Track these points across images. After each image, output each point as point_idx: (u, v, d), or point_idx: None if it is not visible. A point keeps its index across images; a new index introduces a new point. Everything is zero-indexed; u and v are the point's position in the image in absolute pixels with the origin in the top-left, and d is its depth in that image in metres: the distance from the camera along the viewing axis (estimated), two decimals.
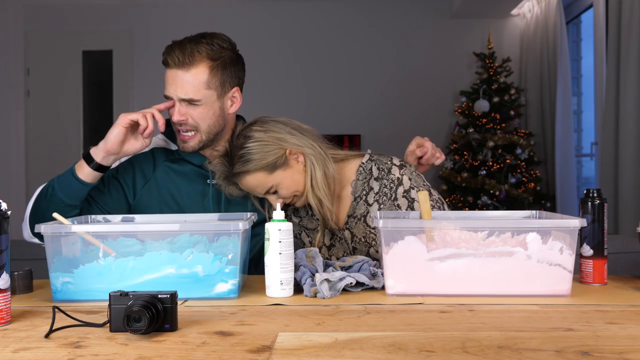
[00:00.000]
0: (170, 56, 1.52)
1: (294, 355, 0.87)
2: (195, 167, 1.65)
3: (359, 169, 1.66)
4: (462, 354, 0.86)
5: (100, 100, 5.38)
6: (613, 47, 3.16)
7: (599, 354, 0.86)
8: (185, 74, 1.52)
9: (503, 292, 1.22)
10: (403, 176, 1.62)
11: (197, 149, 1.60)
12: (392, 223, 1.26)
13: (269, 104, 4.90)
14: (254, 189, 1.57)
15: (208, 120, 1.57)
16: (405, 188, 1.61)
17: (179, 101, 1.54)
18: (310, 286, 1.24)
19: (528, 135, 4.52)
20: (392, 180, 1.62)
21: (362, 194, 1.64)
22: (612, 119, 3.18)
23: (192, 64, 1.52)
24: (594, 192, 1.36)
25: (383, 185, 1.62)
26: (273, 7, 5.05)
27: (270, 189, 1.56)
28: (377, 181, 1.63)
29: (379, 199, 1.62)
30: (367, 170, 1.65)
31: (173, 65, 1.52)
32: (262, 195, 1.59)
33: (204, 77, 1.53)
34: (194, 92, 1.53)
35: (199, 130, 1.57)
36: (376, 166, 1.64)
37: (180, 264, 1.23)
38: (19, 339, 0.97)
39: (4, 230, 1.05)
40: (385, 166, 1.63)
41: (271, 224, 1.25)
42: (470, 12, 4.88)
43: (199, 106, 1.54)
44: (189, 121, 1.55)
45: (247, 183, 1.55)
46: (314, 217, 1.69)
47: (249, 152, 1.52)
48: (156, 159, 1.66)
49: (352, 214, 1.64)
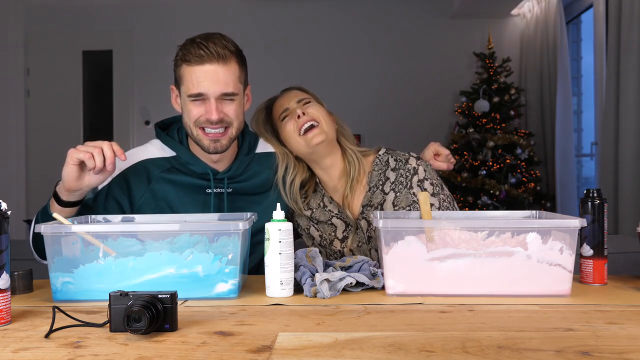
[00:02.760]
0: (205, 51, 1.48)
1: (294, 355, 0.87)
2: (194, 179, 1.61)
3: (374, 160, 1.71)
4: (462, 354, 0.86)
5: (100, 100, 5.38)
6: (613, 47, 3.16)
7: (599, 354, 0.86)
8: (224, 67, 1.50)
9: (503, 292, 1.22)
10: (419, 166, 1.68)
11: (226, 149, 1.57)
12: (392, 223, 1.26)
13: None
14: (295, 95, 1.70)
15: (240, 117, 1.57)
16: (419, 178, 1.66)
17: (216, 98, 1.50)
18: (310, 286, 1.24)
19: (528, 135, 4.51)
20: (409, 169, 1.67)
21: (379, 184, 1.68)
22: (612, 119, 3.18)
23: (228, 58, 1.50)
24: (594, 192, 1.36)
25: (399, 174, 1.67)
26: (273, 7, 5.05)
27: (303, 99, 1.68)
28: (394, 171, 1.68)
29: (395, 188, 1.66)
30: (383, 162, 1.70)
31: (211, 60, 1.48)
32: (295, 104, 1.67)
33: (237, 71, 1.53)
34: (234, 85, 1.52)
35: (231, 127, 1.55)
36: (393, 158, 1.71)
37: (180, 264, 1.23)
38: (19, 339, 0.97)
39: (4, 230, 1.05)
40: (403, 157, 1.70)
41: (271, 224, 1.25)
42: (470, 12, 4.88)
43: (234, 101, 1.53)
44: (225, 118, 1.53)
45: (294, 91, 1.72)
46: (326, 209, 1.71)
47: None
48: (150, 172, 1.60)
49: (368, 203, 1.68)
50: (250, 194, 1.68)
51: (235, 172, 1.64)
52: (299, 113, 1.63)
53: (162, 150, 1.64)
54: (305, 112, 1.64)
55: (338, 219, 1.70)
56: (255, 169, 1.69)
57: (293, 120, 1.64)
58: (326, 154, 1.66)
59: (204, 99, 1.51)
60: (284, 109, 1.68)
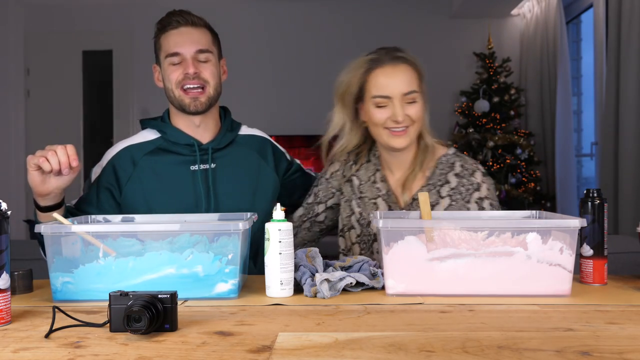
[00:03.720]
0: (180, 19, 1.63)
1: (294, 355, 0.87)
2: (178, 156, 1.66)
3: (440, 158, 1.66)
4: (462, 354, 0.86)
5: (100, 100, 5.39)
6: (613, 47, 3.16)
7: (599, 354, 0.86)
8: (197, 30, 1.64)
9: (503, 292, 1.22)
10: (483, 184, 1.63)
11: (205, 108, 1.65)
12: (392, 223, 1.26)
13: (267, 103, 4.90)
14: (401, 80, 1.56)
15: (215, 79, 1.66)
16: (481, 195, 1.61)
17: (192, 57, 1.62)
18: (310, 286, 1.24)
19: (528, 135, 4.52)
20: (472, 183, 1.62)
21: (437, 184, 1.63)
22: (612, 119, 3.18)
23: (200, 25, 1.66)
24: (594, 192, 1.36)
25: (461, 184, 1.62)
26: (273, 7, 5.05)
27: (412, 92, 1.56)
28: (457, 178, 1.63)
29: (452, 195, 1.61)
30: (448, 163, 1.65)
31: (185, 24, 1.63)
32: (399, 95, 1.55)
33: (210, 37, 1.68)
34: (208, 44, 1.65)
35: (207, 85, 1.64)
36: (460, 163, 1.65)
37: (180, 264, 1.23)
38: (19, 339, 0.97)
39: (4, 230, 1.05)
40: (471, 167, 1.64)
41: (271, 224, 1.25)
42: (470, 12, 4.88)
43: (208, 62, 1.64)
44: (201, 75, 1.62)
45: (403, 69, 1.57)
46: (374, 186, 1.67)
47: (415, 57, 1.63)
48: (135, 156, 1.67)
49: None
50: (237, 176, 1.70)
51: (219, 143, 1.70)
52: (399, 119, 1.54)
53: (146, 136, 1.71)
54: (406, 115, 1.55)
55: (384, 200, 1.65)
56: (241, 149, 1.74)
57: (388, 117, 1.56)
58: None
59: (181, 61, 1.62)
60: (384, 95, 1.56)
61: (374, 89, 1.57)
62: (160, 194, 1.63)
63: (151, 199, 1.62)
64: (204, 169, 1.67)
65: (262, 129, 1.88)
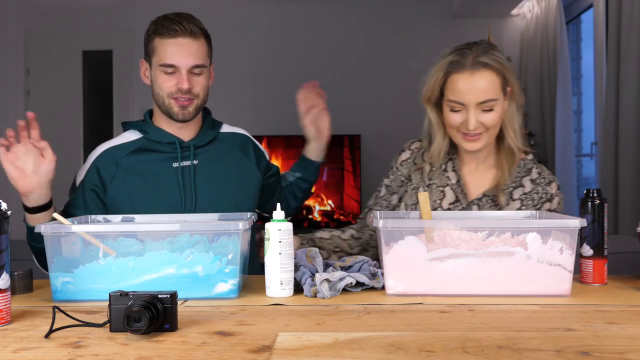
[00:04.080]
0: (179, 27, 1.59)
1: (294, 355, 0.87)
2: (160, 154, 1.66)
3: (519, 162, 1.63)
4: (462, 354, 0.86)
5: (100, 100, 5.38)
6: (613, 47, 3.16)
7: (599, 354, 0.86)
8: (195, 42, 1.61)
9: (503, 292, 1.22)
10: (556, 197, 1.62)
11: (192, 117, 1.65)
12: (392, 223, 1.26)
13: (267, 103, 4.90)
14: (479, 89, 1.51)
15: (205, 90, 1.66)
16: (551, 207, 1.61)
17: (187, 70, 1.60)
18: (310, 286, 1.24)
19: (528, 135, 4.51)
20: (547, 192, 1.61)
21: (511, 185, 1.61)
22: (612, 119, 3.18)
23: (198, 35, 1.62)
24: (594, 192, 1.36)
25: (535, 191, 1.61)
26: (272, 7, 5.05)
27: (489, 100, 1.51)
28: (532, 183, 1.62)
29: (524, 199, 1.60)
30: (525, 168, 1.63)
31: (183, 34, 1.60)
32: (474, 104, 1.51)
33: (205, 47, 1.65)
34: (203, 59, 1.63)
35: (197, 98, 1.64)
36: (537, 170, 1.64)
37: (180, 264, 1.23)
38: (19, 339, 0.97)
39: (4, 230, 1.05)
40: (548, 177, 1.63)
41: (271, 224, 1.25)
42: (470, 12, 4.87)
43: (201, 75, 1.63)
44: (193, 90, 1.62)
45: (484, 76, 1.51)
46: (445, 174, 1.64)
47: (500, 56, 1.55)
48: (117, 156, 1.66)
49: (491, 195, 1.61)
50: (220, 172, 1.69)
51: (200, 140, 1.70)
52: (470, 127, 1.52)
53: (128, 137, 1.71)
54: (480, 123, 1.53)
55: (452, 190, 1.62)
56: (222, 145, 1.74)
57: (462, 122, 1.54)
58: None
59: (175, 71, 1.61)
60: (459, 102, 1.53)
61: (450, 94, 1.55)
62: (143, 192, 1.62)
63: (134, 197, 1.62)
64: (186, 166, 1.66)
65: (259, 129, 1.88)
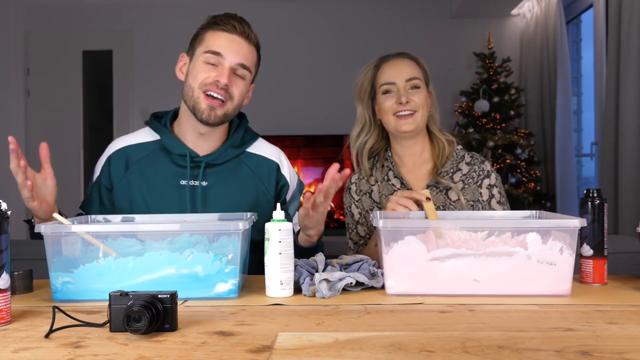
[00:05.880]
0: (238, 26, 1.57)
1: (294, 355, 0.87)
2: (172, 166, 1.60)
3: (452, 154, 1.78)
4: (462, 354, 0.86)
5: (100, 100, 5.38)
6: (613, 47, 3.16)
7: (599, 354, 0.86)
8: (248, 45, 1.59)
9: (503, 292, 1.22)
10: (492, 173, 1.75)
11: (218, 122, 1.57)
12: (392, 223, 1.26)
13: (267, 103, 4.90)
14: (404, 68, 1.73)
15: (241, 98, 1.60)
16: (491, 183, 1.73)
17: (230, 67, 1.55)
18: (309, 285, 1.24)
19: (528, 135, 4.51)
20: (483, 169, 1.75)
21: (450, 171, 1.74)
22: (612, 119, 3.18)
23: (253, 41, 1.61)
24: (594, 192, 1.36)
25: (472, 170, 1.75)
26: (272, 7, 5.05)
27: (415, 78, 1.71)
28: (468, 165, 1.76)
29: (464, 179, 1.74)
30: (459, 156, 1.78)
31: (240, 34, 1.57)
32: (402, 81, 1.71)
33: (255, 58, 1.63)
34: (251, 62, 1.60)
35: (230, 101, 1.57)
36: (469, 155, 1.79)
37: (180, 264, 1.23)
38: (19, 339, 0.97)
39: (4, 230, 1.05)
40: (480, 158, 1.78)
41: (271, 224, 1.25)
42: (470, 12, 4.88)
43: (243, 79, 1.59)
44: (230, 90, 1.56)
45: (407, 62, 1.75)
46: (389, 183, 1.76)
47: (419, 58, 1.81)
48: (129, 159, 1.63)
49: (435, 184, 1.72)
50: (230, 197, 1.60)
51: (216, 159, 1.62)
52: (402, 100, 1.68)
53: (148, 136, 1.67)
54: (409, 100, 1.69)
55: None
56: (242, 169, 1.65)
57: (394, 101, 1.70)
58: (410, 137, 1.75)
59: (218, 64, 1.55)
60: (390, 82, 1.73)
61: (381, 79, 1.75)
62: (144, 205, 1.59)
63: (135, 208, 1.59)
64: (193, 186, 1.59)
65: (266, 128, 1.85)
